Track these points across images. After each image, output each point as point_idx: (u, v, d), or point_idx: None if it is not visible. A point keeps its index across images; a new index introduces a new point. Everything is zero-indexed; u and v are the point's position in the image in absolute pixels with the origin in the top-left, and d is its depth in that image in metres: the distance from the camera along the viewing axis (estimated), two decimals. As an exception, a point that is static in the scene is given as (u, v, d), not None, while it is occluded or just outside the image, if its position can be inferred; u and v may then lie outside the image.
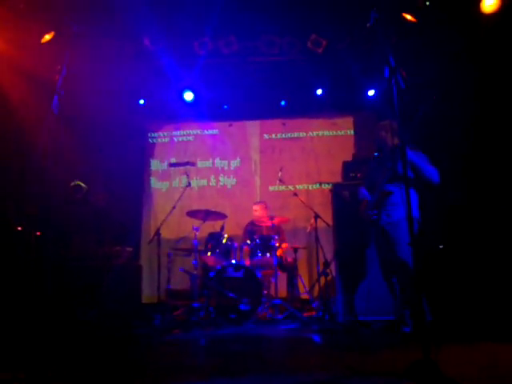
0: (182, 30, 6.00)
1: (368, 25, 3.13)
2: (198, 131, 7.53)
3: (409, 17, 5.15)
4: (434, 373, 2.06)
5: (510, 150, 4.79)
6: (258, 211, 5.93)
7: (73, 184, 5.88)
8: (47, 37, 5.26)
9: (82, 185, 5.94)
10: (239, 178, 7.30)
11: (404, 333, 3.63)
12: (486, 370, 2.41)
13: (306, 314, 5.00)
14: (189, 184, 5.65)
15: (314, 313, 5.02)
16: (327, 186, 6.59)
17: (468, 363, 2.62)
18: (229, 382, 2.32)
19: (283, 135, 7.35)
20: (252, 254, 5.13)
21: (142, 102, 7.16)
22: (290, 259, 5.63)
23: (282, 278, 5.55)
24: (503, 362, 2.60)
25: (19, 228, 4.99)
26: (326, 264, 4.81)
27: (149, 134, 7.61)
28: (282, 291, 5.46)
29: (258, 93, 6.97)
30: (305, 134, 7.31)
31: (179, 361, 3.09)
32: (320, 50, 6.12)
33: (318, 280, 5.01)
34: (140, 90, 7.04)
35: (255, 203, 6.15)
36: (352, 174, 4.89)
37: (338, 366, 2.68)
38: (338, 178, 5.25)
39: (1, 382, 2.32)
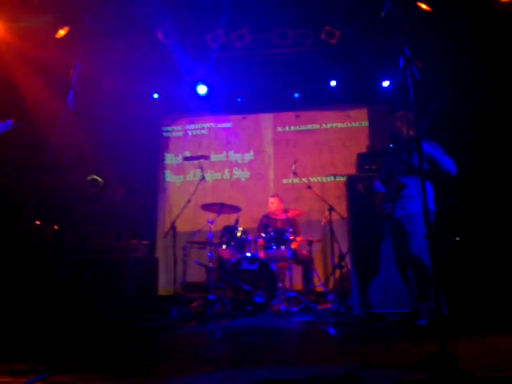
0: (194, 23, 6.00)
1: (382, 14, 3.09)
2: (212, 124, 7.55)
3: (423, 6, 5.07)
4: (451, 366, 2.05)
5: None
6: (274, 204, 5.95)
7: (89, 178, 5.96)
8: (61, 32, 5.30)
9: (99, 179, 6.02)
10: (253, 171, 7.30)
11: (420, 326, 3.62)
12: (503, 362, 2.39)
13: (320, 307, 5.00)
14: (203, 177, 5.67)
15: (329, 305, 5.02)
16: (342, 179, 6.56)
17: (484, 356, 2.60)
18: (244, 374, 2.34)
19: (297, 128, 7.33)
20: (267, 247, 5.15)
21: (155, 96, 7.21)
22: (304, 252, 5.64)
23: (297, 270, 5.56)
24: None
25: (37, 222, 5.08)
26: (341, 257, 4.80)
27: (163, 128, 7.66)
28: (297, 284, 5.47)
29: (271, 85, 6.96)
30: (318, 126, 7.28)
31: (195, 352, 3.12)
32: (334, 41, 6.07)
33: (333, 273, 5.00)
34: (154, 84, 7.08)
35: (271, 196, 6.17)
36: (367, 166, 4.85)
37: (353, 359, 2.68)
38: (353, 170, 5.23)
39: (21, 372, 2.38)
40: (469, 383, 1.96)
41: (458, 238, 4.49)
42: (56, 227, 5.13)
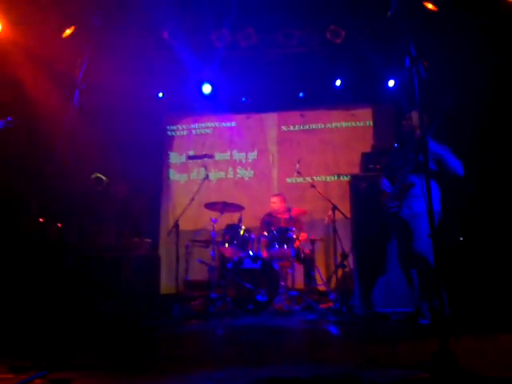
0: (200, 22, 6.02)
1: (389, 14, 3.08)
2: (216, 124, 7.55)
3: (430, 5, 5.04)
4: (452, 365, 2.04)
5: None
6: (276, 203, 5.92)
7: (93, 176, 5.97)
8: (68, 31, 5.31)
9: (103, 177, 6.03)
10: (257, 170, 7.30)
11: (422, 325, 3.61)
12: (504, 362, 2.37)
13: (322, 306, 4.98)
14: (207, 176, 5.68)
15: (330, 304, 5.00)
16: (345, 178, 6.54)
17: (486, 355, 2.58)
18: (246, 373, 2.33)
19: (301, 127, 7.31)
20: (269, 246, 5.13)
21: (160, 95, 7.23)
22: (307, 251, 5.62)
23: (299, 269, 5.55)
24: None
25: (41, 220, 5.09)
26: (344, 256, 4.78)
27: (167, 127, 7.67)
28: (299, 283, 5.46)
29: (276, 85, 6.95)
30: (323, 125, 7.26)
31: (196, 350, 3.12)
32: (339, 41, 6.07)
33: (336, 272, 4.99)
34: (159, 84, 7.10)
35: (273, 195, 6.14)
36: (371, 166, 4.83)
37: (355, 358, 2.67)
38: (357, 170, 5.21)
39: (21, 368, 2.38)
40: (469, 382, 1.95)
41: (461, 238, 4.47)
42: (59, 225, 5.14)
